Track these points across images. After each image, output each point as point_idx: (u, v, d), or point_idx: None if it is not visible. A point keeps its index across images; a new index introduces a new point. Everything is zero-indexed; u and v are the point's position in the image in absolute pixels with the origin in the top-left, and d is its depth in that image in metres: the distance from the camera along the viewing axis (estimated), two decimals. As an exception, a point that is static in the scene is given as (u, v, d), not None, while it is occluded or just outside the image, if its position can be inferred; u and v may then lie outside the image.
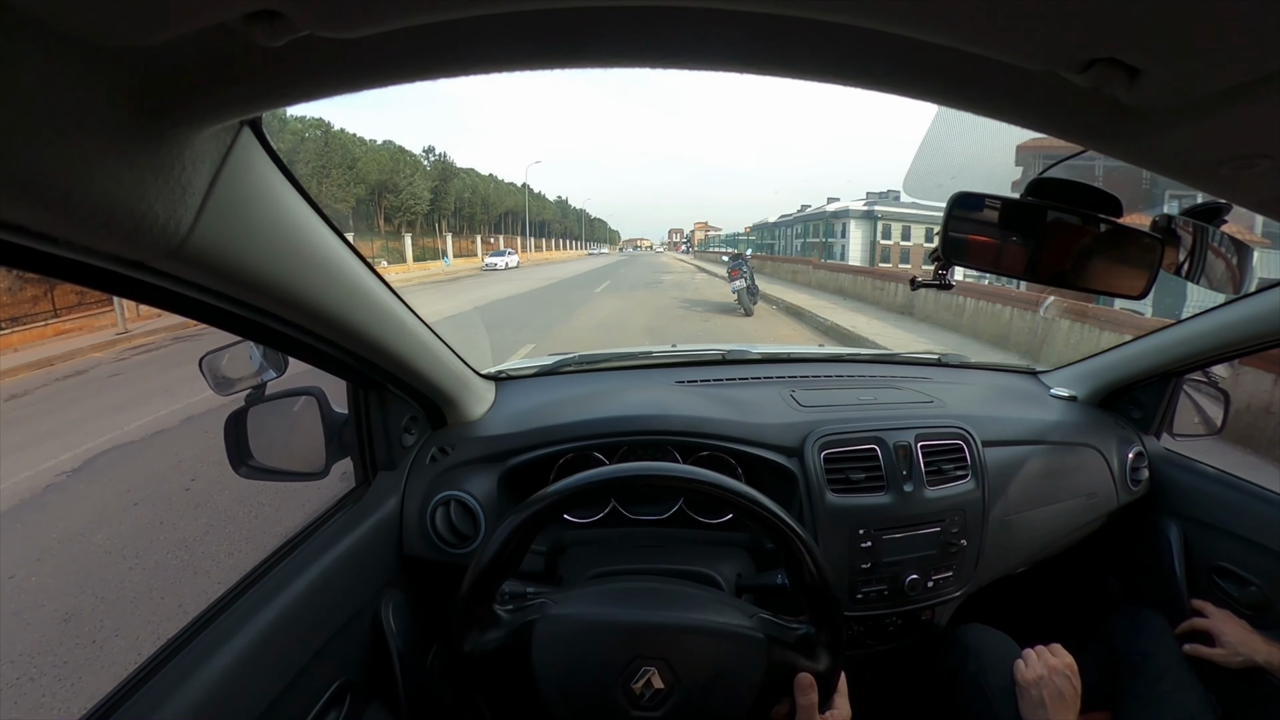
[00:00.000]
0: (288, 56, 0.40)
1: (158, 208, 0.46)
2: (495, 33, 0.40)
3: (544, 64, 0.43)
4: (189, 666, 0.78)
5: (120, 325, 13.43)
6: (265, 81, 0.43)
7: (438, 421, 1.34)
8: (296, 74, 0.43)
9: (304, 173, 44.66)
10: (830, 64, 0.43)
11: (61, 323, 14.38)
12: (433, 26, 0.37)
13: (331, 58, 0.41)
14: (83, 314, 14.88)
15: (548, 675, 0.79)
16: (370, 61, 0.42)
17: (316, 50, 0.40)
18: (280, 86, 0.44)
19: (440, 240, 47.76)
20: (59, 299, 14.85)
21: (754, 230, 67.44)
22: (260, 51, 0.37)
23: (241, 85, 0.43)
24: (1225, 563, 1.42)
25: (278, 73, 0.42)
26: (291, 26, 0.33)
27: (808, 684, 0.80)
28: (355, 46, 0.38)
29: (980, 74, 0.42)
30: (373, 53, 0.41)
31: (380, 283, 0.89)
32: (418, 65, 0.43)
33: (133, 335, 12.82)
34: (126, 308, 13.54)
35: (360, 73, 0.43)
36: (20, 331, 13.48)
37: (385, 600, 1.12)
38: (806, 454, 1.32)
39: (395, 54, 0.42)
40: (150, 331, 12.90)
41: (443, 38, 0.40)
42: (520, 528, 0.80)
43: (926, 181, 1.21)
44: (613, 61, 0.43)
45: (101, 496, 4.54)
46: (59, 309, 14.84)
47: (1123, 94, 0.37)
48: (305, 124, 47.31)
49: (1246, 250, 0.78)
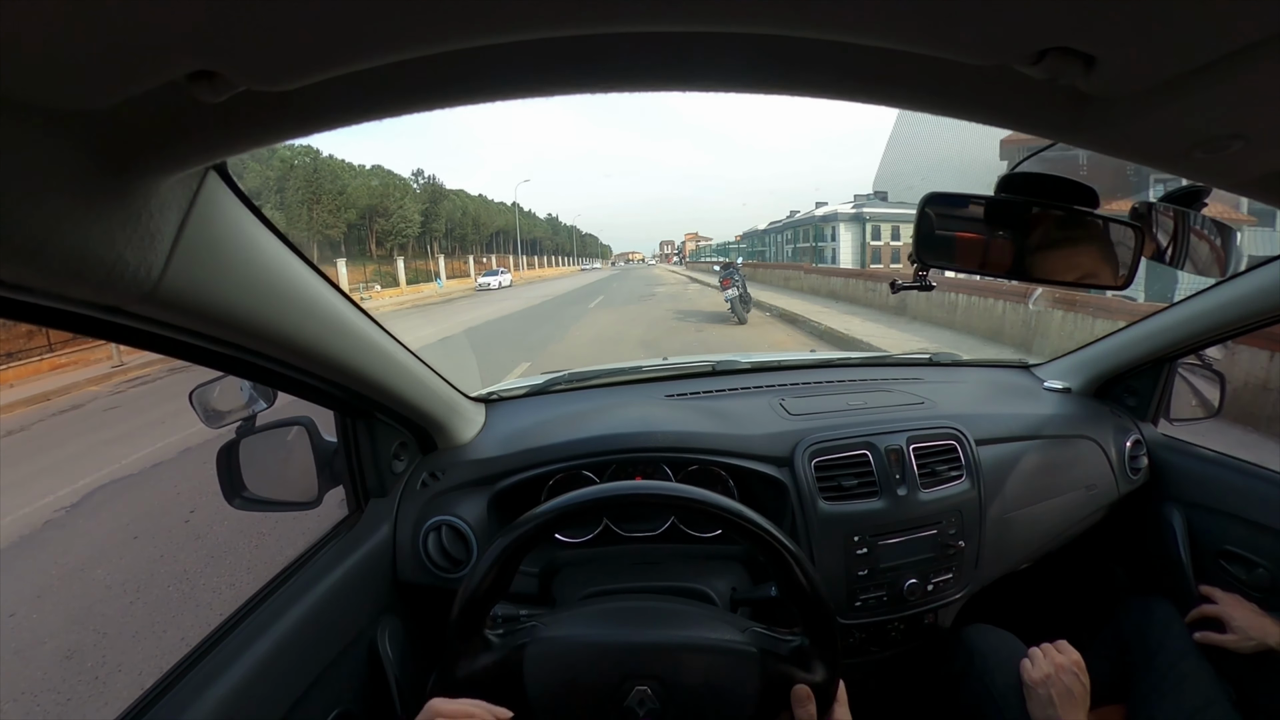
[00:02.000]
0: (235, 109, 0.41)
1: (128, 255, 0.47)
2: (438, 70, 0.41)
3: (499, 95, 0.44)
4: (184, 701, 0.77)
5: (115, 359, 13.40)
6: (219, 133, 0.45)
7: (427, 446, 1.33)
8: (247, 124, 0.44)
9: (294, 200, 44.86)
10: (778, 77, 0.43)
11: (57, 357, 14.34)
12: (374, 70, 0.37)
13: (279, 106, 0.43)
14: (78, 348, 14.84)
15: (541, 698, 0.79)
16: (317, 107, 0.44)
17: (261, 101, 0.41)
18: (234, 137, 0.45)
19: (433, 262, 47.90)
20: (54, 334, 14.79)
21: (744, 238, 67.54)
22: (209, 106, 0.38)
23: (196, 137, 0.44)
24: (1231, 546, 1.41)
25: (229, 124, 0.44)
26: (229, 84, 0.35)
27: (804, 695, 0.79)
28: (300, 95, 0.40)
29: (933, 74, 0.41)
30: (318, 99, 0.42)
31: (359, 312, 0.90)
32: (366, 107, 0.44)
33: (128, 368, 12.78)
34: (121, 341, 13.50)
35: (309, 118, 0.44)
36: (16, 367, 13.45)
37: (381, 627, 1.12)
38: (797, 463, 1.32)
39: (343, 98, 0.43)
40: (145, 364, 12.85)
41: (386, 79, 0.41)
42: (506, 551, 0.80)
43: (896, 184, 1.21)
44: (543, 90, 0.44)
45: (101, 531, 4.52)
46: (54, 344, 14.80)
47: (1081, 83, 0.37)
48: (294, 152, 47.49)
49: (1230, 231, 0.78)
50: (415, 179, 60.70)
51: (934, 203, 0.71)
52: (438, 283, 40.91)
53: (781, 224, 52.32)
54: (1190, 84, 0.38)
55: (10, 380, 12.70)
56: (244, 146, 0.47)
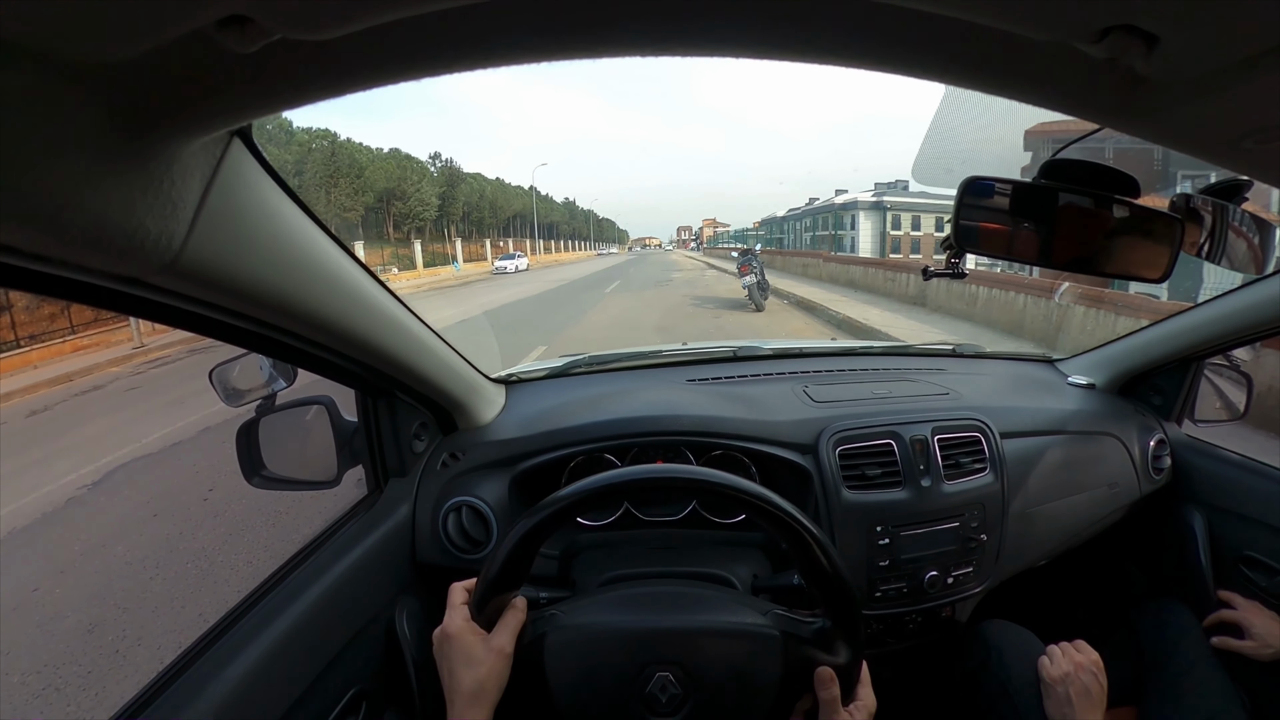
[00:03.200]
0: (266, 63, 0.39)
1: (149, 223, 0.45)
2: (480, 24, 0.39)
3: (538, 55, 0.41)
4: (203, 677, 0.78)
5: (136, 340, 13.57)
6: (247, 90, 0.42)
7: (448, 427, 1.33)
8: (278, 80, 0.42)
9: (312, 182, 45.10)
10: (830, 44, 0.41)
11: (79, 339, 14.55)
12: (415, 21, 0.35)
13: (312, 61, 0.40)
14: (100, 330, 15.06)
15: (562, 686, 0.78)
16: (353, 62, 0.41)
17: (295, 54, 0.39)
18: (263, 94, 0.43)
19: (450, 246, 48.00)
20: (76, 316, 15.03)
21: (763, 225, 67.29)
22: (238, 59, 0.36)
23: (223, 95, 0.42)
24: (1253, 552, 1.38)
25: (259, 80, 0.41)
26: (263, 31, 0.33)
27: (828, 678, 0.78)
28: (335, 48, 0.37)
29: (988, 49, 0.39)
30: (355, 54, 0.40)
31: (383, 289, 0.89)
32: (403, 64, 0.42)
33: (149, 349, 12.94)
34: (142, 323, 13.67)
35: (344, 75, 0.42)
36: (40, 349, 13.65)
37: (399, 607, 1.12)
38: (821, 450, 1.30)
39: (378, 54, 0.40)
40: (165, 345, 13.02)
41: (427, 33, 0.39)
42: (527, 536, 0.79)
43: (935, 167, 1.18)
44: (610, 50, 0.41)
45: (122, 509, 4.60)
46: (76, 325, 15.02)
47: (1140, 65, 0.35)
48: (312, 135, 47.71)
49: (1269, 228, 0.76)
50: (432, 162, 60.85)
51: (973, 188, 0.69)
52: (455, 266, 41.01)
53: (801, 211, 52.11)
54: (1250, 70, 0.36)
55: (34, 361, 12.90)
56: (273, 106, 0.44)
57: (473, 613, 0.80)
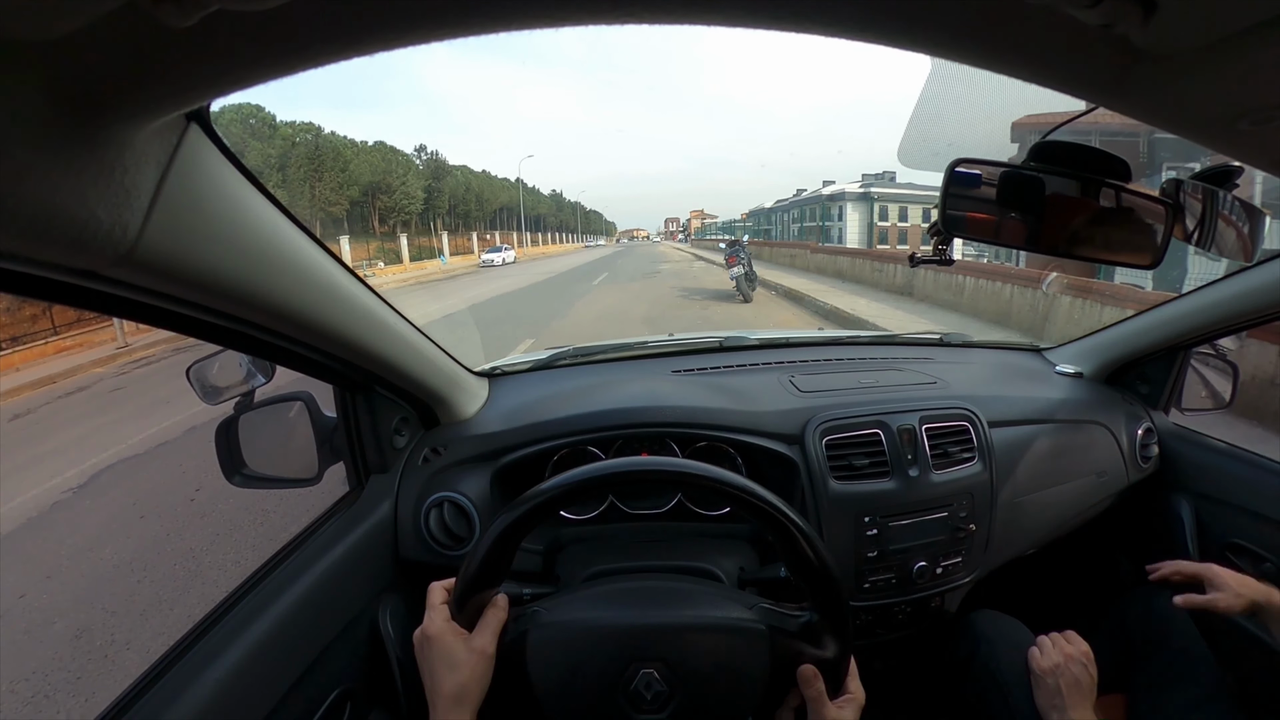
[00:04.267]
0: (212, 38, 0.37)
1: (100, 213, 0.43)
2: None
3: (504, 22, 0.38)
4: (183, 681, 0.76)
5: (120, 340, 13.44)
6: (195, 68, 0.40)
7: (429, 421, 1.31)
8: (226, 57, 0.39)
9: (296, 176, 44.70)
10: (813, 9, 0.38)
11: (62, 340, 14.40)
12: None
13: (261, 35, 0.38)
14: (82, 330, 14.90)
15: (545, 683, 0.77)
16: (305, 35, 0.38)
17: (241, 28, 0.36)
18: (213, 73, 0.41)
19: (436, 239, 47.65)
20: (58, 316, 14.87)
21: (750, 216, 67.18)
22: (182, 35, 0.34)
23: (171, 74, 0.40)
24: (1239, 539, 1.39)
25: (206, 57, 0.39)
26: (199, 3, 0.31)
27: (811, 675, 0.78)
28: (283, 20, 0.35)
29: (980, 17, 0.38)
30: (305, 25, 0.37)
31: (356, 281, 0.86)
32: (359, 35, 0.39)
33: (133, 349, 12.83)
34: (126, 322, 13.53)
35: (297, 49, 0.39)
36: (21, 351, 13.51)
37: (383, 606, 1.11)
38: (808, 441, 1.29)
39: (330, 24, 0.38)
40: (150, 345, 12.90)
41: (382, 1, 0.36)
42: (506, 532, 0.78)
43: (922, 151, 1.17)
44: (582, 18, 0.38)
45: (108, 511, 4.56)
46: (58, 326, 14.85)
47: (1136, 34, 0.33)
48: (295, 129, 47.33)
49: (1259, 216, 0.75)
50: (418, 155, 60.72)
51: (961, 170, 0.68)
52: (441, 259, 40.82)
53: (788, 202, 52.06)
54: (1251, 42, 0.34)
55: (16, 364, 12.76)
56: (222, 87, 0.42)
57: (453, 612, 0.78)
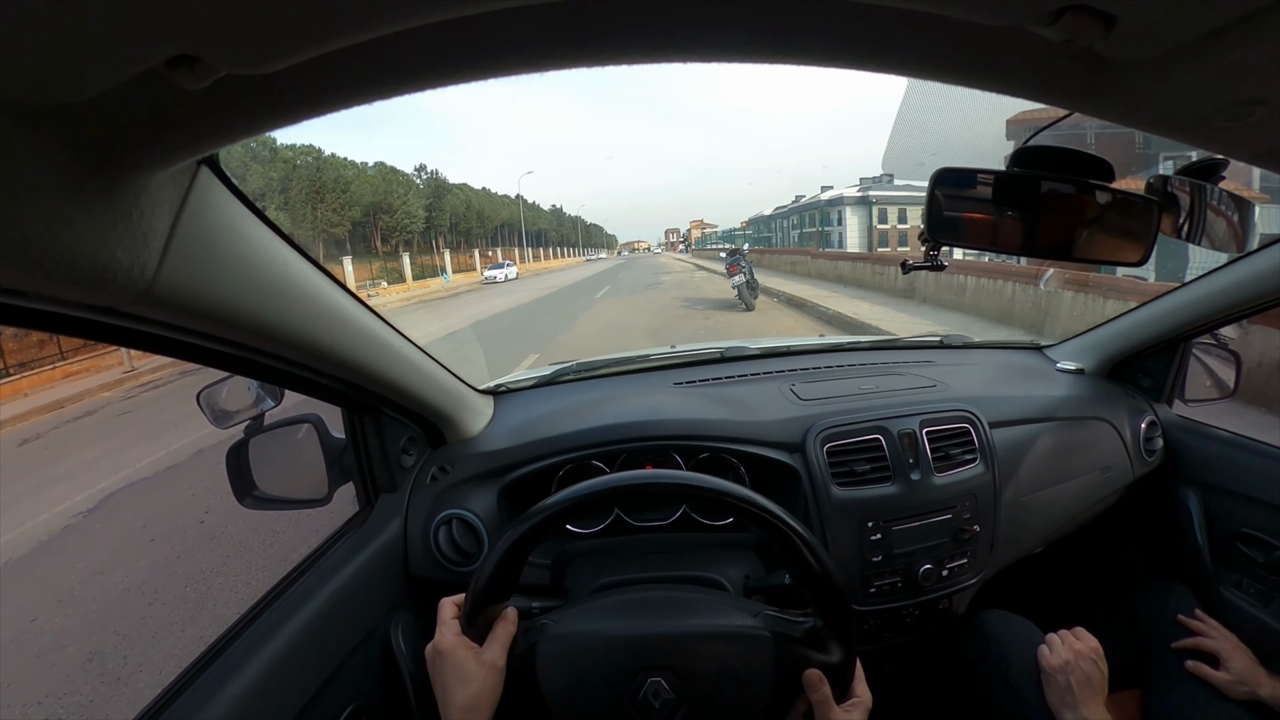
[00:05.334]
0: (222, 96, 0.39)
1: (120, 255, 0.46)
2: (429, 45, 0.39)
3: (489, 72, 0.42)
4: (198, 702, 0.77)
5: (127, 364, 13.52)
6: (206, 123, 0.43)
7: (436, 440, 1.32)
8: (235, 113, 0.43)
9: (297, 199, 44.93)
10: (779, 44, 0.41)
11: (69, 365, 14.48)
12: (360, 49, 0.36)
13: (267, 91, 0.41)
14: (89, 354, 14.97)
15: (555, 695, 0.78)
16: (307, 91, 0.42)
17: (249, 86, 0.39)
18: (222, 126, 0.44)
19: (438, 257, 47.79)
20: (65, 342, 14.92)
21: (750, 224, 67.51)
22: (194, 95, 0.36)
23: (184, 129, 0.43)
24: (1249, 529, 1.38)
25: (216, 113, 0.42)
26: (211, 69, 0.33)
27: (817, 679, 0.78)
28: (287, 78, 0.38)
29: (945, 39, 0.39)
30: (307, 82, 0.41)
31: (362, 307, 0.88)
32: (357, 88, 0.42)
33: (139, 373, 12.89)
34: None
35: (301, 103, 0.43)
36: (29, 376, 13.59)
37: (395, 623, 1.11)
38: (809, 448, 1.30)
39: (330, 80, 0.41)
40: (156, 369, 12.96)
41: (374, 59, 0.39)
42: (513, 547, 0.79)
43: (907, 160, 1.19)
44: (537, 64, 0.42)
45: (118, 534, 4.57)
46: (65, 351, 14.93)
47: (1100, 45, 0.34)
48: (296, 151, 47.60)
49: (1248, 206, 0.76)
50: (418, 174, 60.98)
51: (945, 179, 0.69)
52: (444, 277, 40.97)
53: (787, 209, 52.25)
54: (1214, 46, 0.36)
55: (24, 389, 12.85)
56: (233, 137, 0.45)
57: (463, 626, 0.79)
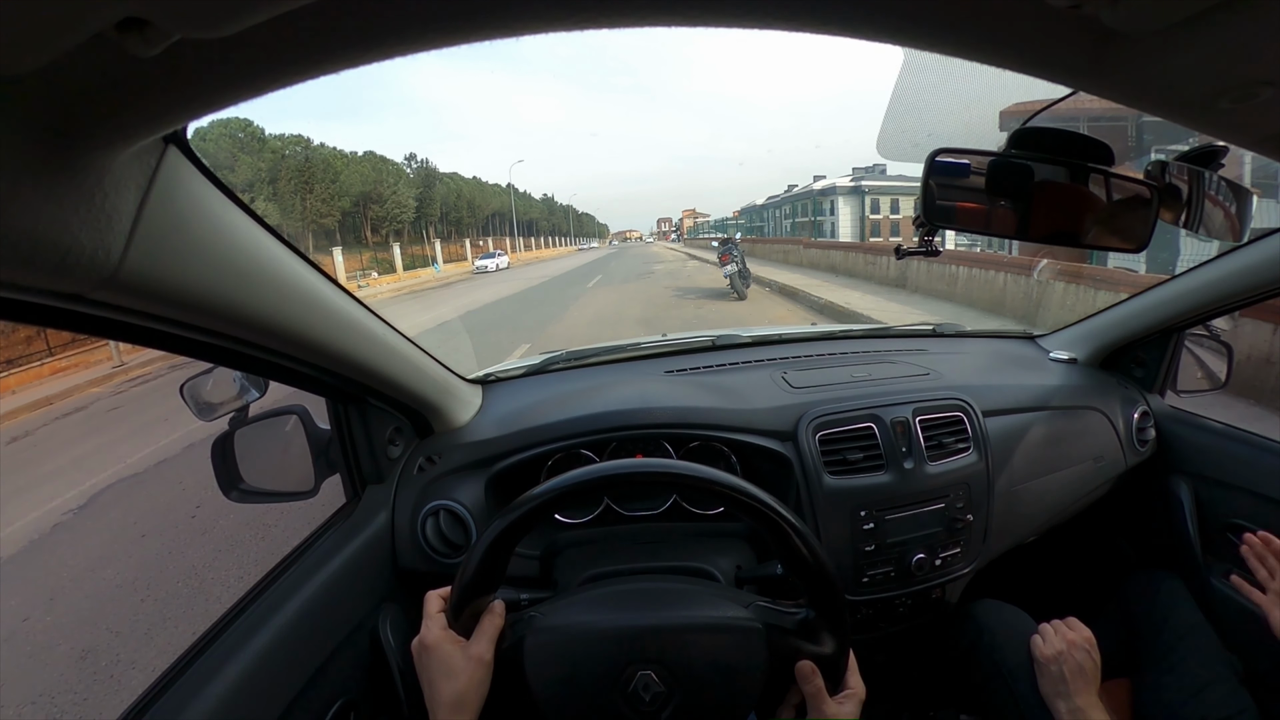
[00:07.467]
0: (180, 65, 0.37)
1: (83, 238, 0.43)
2: (390, 5, 0.37)
3: (463, 36, 0.39)
4: (185, 697, 0.76)
5: (116, 359, 13.42)
6: (167, 94, 0.41)
7: (423, 430, 1.31)
8: (195, 83, 0.40)
9: (286, 190, 44.59)
10: (779, 9, 0.38)
11: (57, 361, 14.35)
12: (321, 9, 0.34)
13: (227, 59, 0.38)
14: (78, 350, 14.83)
15: (543, 689, 0.77)
16: (269, 58, 0.39)
17: (208, 54, 0.37)
18: (184, 98, 0.41)
19: (429, 247, 47.52)
20: (53, 338, 14.79)
21: (742, 214, 67.43)
22: (150, 63, 0.34)
23: (142, 100, 0.41)
24: (1239, 519, 1.38)
25: (176, 84, 0.40)
26: (162, 33, 0.31)
27: (809, 671, 0.78)
28: (248, 45, 0.36)
29: (947, 5, 0.38)
30: (267, 48, 0.38)
31: (343, 293, 0.86)
32: (322, 55, 0.40)
33: (129, 368, 12.80)
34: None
35: (264, 72, 0.40)
36: (17, 373, 13.46)
37: (383, 615, 1.10)
38: (800, 437, 1.29)
39: (294, 46, 0.38)
40: (146, 363, 12.88)
41: (337, 20, 0.37)
42: (499, 539, 0.78)
43: (901, 142, 1.16)
44: (518, 26, 0.39)
45: (109, 531, 4.56)
46: (53, 347, 14.79)
47: (1106, 14, 0.33)
48: (285, 141, 47.12)
49: (1246, 195, 0.75)
50: (408, 163, 60.46)
51: (941, 160, 0.68)
52: (435, 267, 40.78)
53: (780, 199, 52.25)
54: (1223, 20, 0.34)
55: (12, 386, 12.74)
56: (195, 110, 0.43)
57: (449, 620, 0.79)
